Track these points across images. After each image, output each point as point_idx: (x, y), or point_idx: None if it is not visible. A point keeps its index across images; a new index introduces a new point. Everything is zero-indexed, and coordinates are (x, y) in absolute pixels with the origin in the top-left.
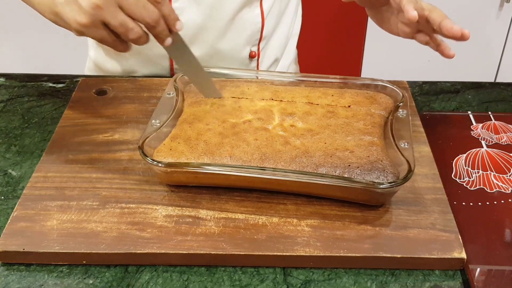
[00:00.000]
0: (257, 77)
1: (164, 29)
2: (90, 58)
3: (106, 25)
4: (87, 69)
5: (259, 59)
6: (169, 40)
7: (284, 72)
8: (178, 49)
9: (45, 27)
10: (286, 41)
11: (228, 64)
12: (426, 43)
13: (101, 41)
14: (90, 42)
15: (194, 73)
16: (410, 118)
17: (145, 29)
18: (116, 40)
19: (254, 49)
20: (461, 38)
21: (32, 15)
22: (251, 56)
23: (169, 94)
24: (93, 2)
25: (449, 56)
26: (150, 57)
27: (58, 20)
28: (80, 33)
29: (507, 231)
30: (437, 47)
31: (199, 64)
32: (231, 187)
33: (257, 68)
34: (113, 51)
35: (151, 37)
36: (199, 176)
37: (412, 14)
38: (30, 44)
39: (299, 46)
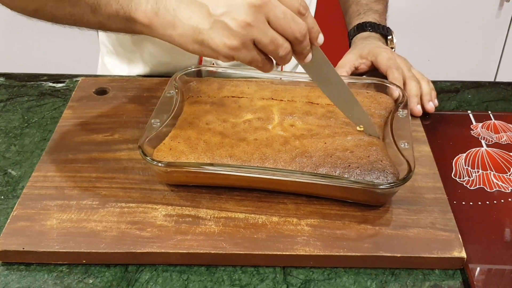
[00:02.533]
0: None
1: (308, 43)
2: (103, 65)
3: (255, 44)
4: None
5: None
6: (309, 56)
7: (284, 72)
8: (318, 65)
9: (45, 27)
10: None
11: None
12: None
13: (250, 63)
14: (104, 48)
15: (337, 93)
16: (410, 118)
17: None
18: (265, 59)
19: None
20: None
21: None
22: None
23: (169, 93)
24: (243, 20)
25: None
26: (176, 66)
27: (204, 48)
28: (229, 57)
29: (507, 230)
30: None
31: (342, 83)
32: (231, 187)
33: (281, 70)
34: (128, 60)
35: None
36: (199, 175)
37: (417, 110)
38: (30, 43)
39: None
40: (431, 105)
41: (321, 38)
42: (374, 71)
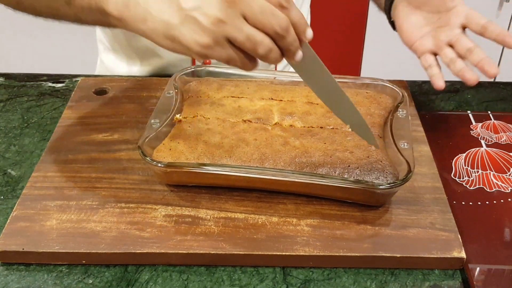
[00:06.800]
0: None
1: (295, 39)
2: (101, 62)
3: (230, 41)
4: (98, 73)
5: None
6: (300, 54)
7: (283, 71)
8: (308, 64)
9: (45, 27)
10: None
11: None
12: (428, 66)
13: (227, 61)
14: (101, 46)
15: (329, 94)
16: (409, 118)
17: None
18: (244, 58)
19: None
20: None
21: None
22: None
23: (169, 93)
24: (215, 17)
25: (469, 81)
26: (172, 61)
27: (176, 45)
28: (202, 56)
29: (506, 230)
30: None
31: (335, 82)
32: (231, 187)
33: (275, 69)
34: (126, 56)
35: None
36: (198, 176)
37: (439, 84)
38: (30, 43)
39: None
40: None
41: (309, 33)
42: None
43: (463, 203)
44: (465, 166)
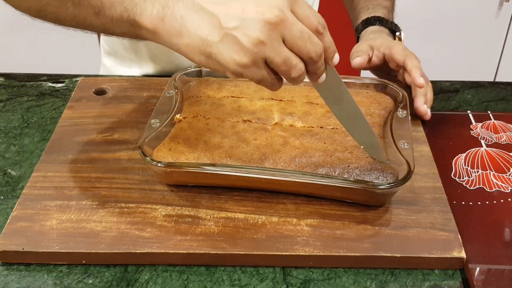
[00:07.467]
0: None
1: (323, 63)
2: (104, 66)
3: (266, 62)
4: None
5: None
6: (323, 77)
7: None
8: (330, 86)
9: (45, 27)
10: None
11: None
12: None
13: (259, 81)
14: (103, 50)
15: (347, 116)
16: (409, 118)
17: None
18: (275, 79)
19: None
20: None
21: None
22: None
23: (169, 93)
24: (256, 38)
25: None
26: (178, 65)
27: (211, 61)
28: (237, 74)
29: (506, 230)
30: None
31: (354, 105)
32: (231, 187)
33: None
34: (129, 59)
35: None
36: (198, 176)
37: (424, 109)
38: (30, 43)
39: None
40: (429, 112)
41: (336, 58)
42: (380, 70)
43: (463, 203)
44: (465, 166)
